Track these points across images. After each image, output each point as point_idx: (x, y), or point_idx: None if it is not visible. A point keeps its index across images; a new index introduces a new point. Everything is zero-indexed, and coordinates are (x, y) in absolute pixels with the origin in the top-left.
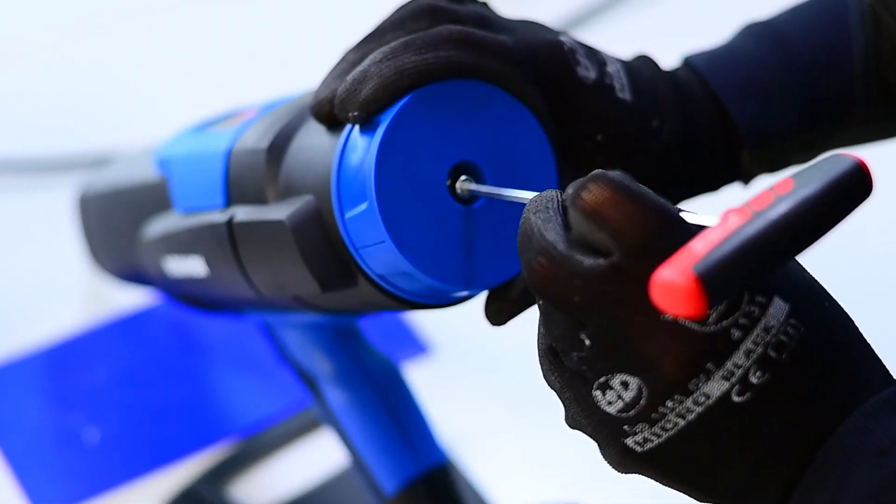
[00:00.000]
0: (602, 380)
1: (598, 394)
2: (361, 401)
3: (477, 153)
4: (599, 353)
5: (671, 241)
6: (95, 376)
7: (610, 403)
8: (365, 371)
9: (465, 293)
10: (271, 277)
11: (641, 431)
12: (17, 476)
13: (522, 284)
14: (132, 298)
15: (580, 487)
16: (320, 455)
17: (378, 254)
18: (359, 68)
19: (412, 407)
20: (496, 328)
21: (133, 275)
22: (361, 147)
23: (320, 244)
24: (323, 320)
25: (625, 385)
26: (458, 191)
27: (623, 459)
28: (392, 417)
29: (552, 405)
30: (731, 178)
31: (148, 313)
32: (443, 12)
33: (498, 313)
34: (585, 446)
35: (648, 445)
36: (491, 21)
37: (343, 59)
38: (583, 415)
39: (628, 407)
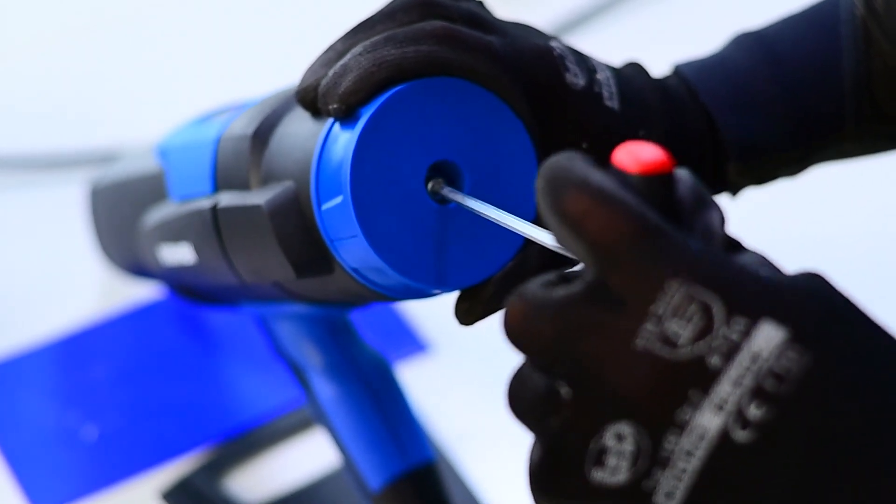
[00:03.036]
0: (594, 446)
1: (598, 474)
2: (350, 395)
3: (457, 153)
4: (582, 404)
5: (650, 256)
6: (94, 373)
7: (615, 471)
8: (355, 366)
9: (438, 291)
10: (251, 262)
11: (661, 477)
12: (14, 473)
13: (494, 286)
14: (143, 293)
15: None
16: (318, 450)
17: (351, 247)
18: (341, 62)
19: (402, 404)
20: (495, 328)
21: (138, 267)
22: (341, 140)
23: (297, 230)
24: (312, 312)
25: (619, 437)
26: (431, 192)
27: None
28: (380, 413)
29: None
30: (718, 190)
31: (145, 310)
32: (434, 7)
33: (467, 313)
34: None
35: (678, 494)
36: (482, 20)
37: (330, 48)
38: None
39: (634, 460)
